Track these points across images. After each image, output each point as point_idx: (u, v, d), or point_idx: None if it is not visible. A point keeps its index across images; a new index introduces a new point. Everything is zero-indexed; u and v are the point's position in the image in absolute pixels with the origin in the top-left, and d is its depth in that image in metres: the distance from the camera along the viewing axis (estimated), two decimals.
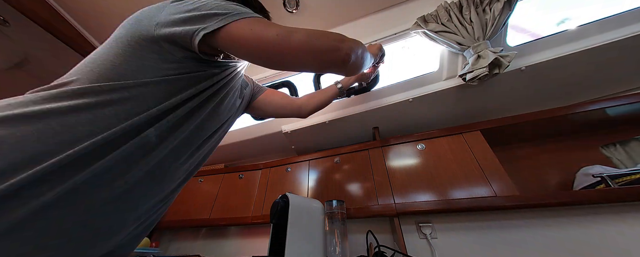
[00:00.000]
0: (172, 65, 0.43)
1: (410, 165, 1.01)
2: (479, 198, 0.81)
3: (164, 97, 0.42)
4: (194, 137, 0.50)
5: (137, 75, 0.40)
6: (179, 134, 0.45)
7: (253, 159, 1.66)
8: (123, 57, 0.41)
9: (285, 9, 1.02)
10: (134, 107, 0.39)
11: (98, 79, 0.39)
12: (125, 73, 0.40)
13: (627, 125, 0.94)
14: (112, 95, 0.38)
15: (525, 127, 0.98)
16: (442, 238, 0.88)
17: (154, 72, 0.41)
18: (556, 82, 1.00)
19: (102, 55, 0.42)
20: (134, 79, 0.40)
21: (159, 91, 0.42)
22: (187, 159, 0.50)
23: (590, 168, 0.87)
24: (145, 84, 0.40)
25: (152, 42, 0.42)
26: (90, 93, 0.37)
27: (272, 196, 1.18)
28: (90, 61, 0.41)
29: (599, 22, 0.88)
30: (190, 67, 0.45)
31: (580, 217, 0.76)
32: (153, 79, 0.41)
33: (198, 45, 0.42)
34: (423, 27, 0.95)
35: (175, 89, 0.43)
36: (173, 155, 0.46)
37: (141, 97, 0.40)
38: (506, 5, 0.84)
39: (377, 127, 1.28)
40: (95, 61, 0.41)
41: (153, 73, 0.41)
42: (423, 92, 1.08)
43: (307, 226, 0.85)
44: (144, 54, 0.41)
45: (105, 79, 0.39)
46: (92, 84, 0.38)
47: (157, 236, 1.47)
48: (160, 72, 0.42)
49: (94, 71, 0.40)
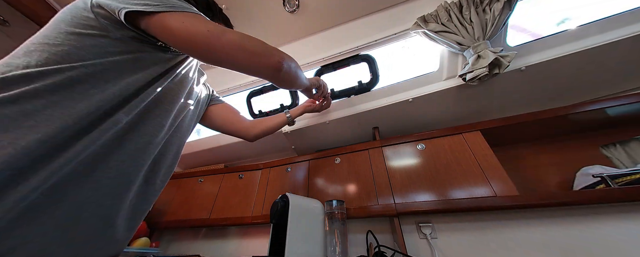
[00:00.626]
0: (115, 43, 0.43)
1: (410, 165, 1.01)
2: (479, 198, 0.81)
3: (116, 79, 0.43)
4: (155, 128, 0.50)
5: (83, 56, 0.40)
6: (146, 121, 0.47)
7: (253, 159, 1.66)
8: (64, 37, 0.40)
9: (285, 9, 1.02)
10: (90, 89, 0.40)
11: (46, 62, 0.38)
12: (69, 54, 0.39)
13: (627, 126, 0.94)
14: (60, 78, 0.38)
15: (525, 127, 0.98)
16: (442, 238, 0.88)
17: (98, 52, 0.41)
18: (556, 82, 1.00)
19: (43, 38, 0.41)
20: (80, 60, 0.40)
21: (109, 73, 0.42)
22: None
23: (590, 168, 0.87)
24: (93, 65, 0.40)
25: (90, 18, 0.42)
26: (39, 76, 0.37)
27: (272, 196, 1.18)
28: (31, 44, 0.40)
29: (599, 22, 0.88)
30: (133, 47, 0.46)
31: (580, 217, 0.76)
32: (97, 60, 0.41)
33: (126, 22, 0.43)
34: (423, 27, 0.95)
35: (124, 70, 0.44)
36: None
37: (94, 79, 0.40)
38: (506, 5, 0.84)
39: (377, 127, 1.28)
40: (36, 44, 0.40)
41: (96, 53, 0.41)
42: (423, 92, 1.08)
43: (307, 226, 0.85)
44: (83, 32, 0.41)
45: (52, 62, 0.38)
46: (40, 67, 0.37)
47: (157, 236, 1.47)
48: (103, 51, 0.42)
49: (37, 53, 0.39)
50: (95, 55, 0.41)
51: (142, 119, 0.47)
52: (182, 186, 1.49)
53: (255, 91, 1.36)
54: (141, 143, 0.47)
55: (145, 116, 0.47)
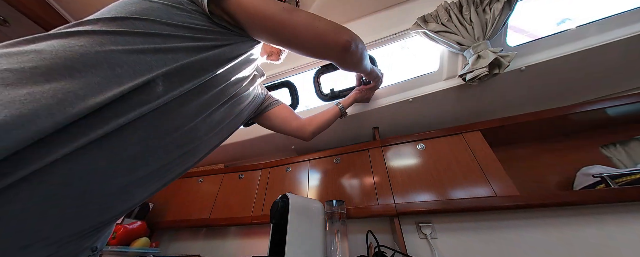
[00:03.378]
0: (185, 14, 0.43)
1: (410, 165, 1.01)
2: (479, 198, 0.81)
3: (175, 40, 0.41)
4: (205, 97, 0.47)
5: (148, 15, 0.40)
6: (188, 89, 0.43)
7: (253, 159, 1.66)
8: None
9: None
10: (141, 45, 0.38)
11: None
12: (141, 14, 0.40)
13: (627, 126, 0.94)
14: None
15: (525, 127, 0.98)
16: (442, 238, 0.88)
17: (165, 15, 0.41)
18: (556, 82, 1.00)
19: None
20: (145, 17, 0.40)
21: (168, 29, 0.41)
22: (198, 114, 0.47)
23: (590, 168, 0.87)
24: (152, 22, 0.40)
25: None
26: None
27: (272, 196, 1.18)
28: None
29: (599, 22, 0.88)
30: (199, 20, 0.45)
31: (580, 217, 0.76)
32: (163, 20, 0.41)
33: (208, 5, 0.43)
34: (423, 27, 0.95)
35: (191, 37, 0.43)
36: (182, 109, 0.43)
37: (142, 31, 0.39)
38: (506, 5, 0.84)
39: (377, 127, 1.28)
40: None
41: (164, 15, 0.41)
42: (423, 92, 1.08)
43: (307, 226, 0.85)
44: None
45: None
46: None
47: (157, 236, 1.47)
48: (170, 16, 0.42)
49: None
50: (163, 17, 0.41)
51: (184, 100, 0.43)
52: (182, 186, 1.49)
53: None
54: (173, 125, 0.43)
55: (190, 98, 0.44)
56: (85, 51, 0.33)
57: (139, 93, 0.36)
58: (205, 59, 0.44)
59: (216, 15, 0.46)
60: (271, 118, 0.80)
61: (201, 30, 0.44)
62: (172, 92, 0.40)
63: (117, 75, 0.34)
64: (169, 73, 0.39)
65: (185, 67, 0.41)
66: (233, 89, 0.54)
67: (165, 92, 0.39)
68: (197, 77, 0.43)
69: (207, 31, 0.45)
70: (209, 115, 0.49)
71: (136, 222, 1.22)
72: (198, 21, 0.44)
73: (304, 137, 0.86)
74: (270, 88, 1.33)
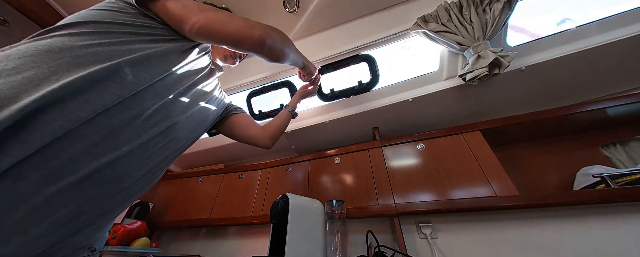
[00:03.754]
0: (128, 16, 0.49)
1: (410, 165, 1.01)
2: (479, 198, 0.81)
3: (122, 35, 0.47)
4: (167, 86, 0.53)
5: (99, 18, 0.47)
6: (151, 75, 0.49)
7: (253, 159, 1.66)
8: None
9: (285, 9, 1.02)
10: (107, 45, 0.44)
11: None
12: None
13: (627, 126, 0.94)
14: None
15: (526, 127, 0.98)
16: (442, 238, 0.88)
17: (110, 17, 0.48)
18: (556, 82, 1.00)
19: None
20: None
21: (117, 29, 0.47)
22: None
23: (590, 168, 0.87)
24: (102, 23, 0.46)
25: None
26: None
27: (272, 196, 1.18)
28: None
29: (599, 22, 0.88)
30: (144, 20, 0.51)
31: (580, 217, 0.76)
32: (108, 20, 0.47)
33: (139, 6, 0.50)
34: (423, 27, 0.95)
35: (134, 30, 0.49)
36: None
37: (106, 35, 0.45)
38: (506, 5, 0.84)
39: (377, 127, 1.28)
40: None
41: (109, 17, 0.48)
42: (423, 92, 1.08)
43: (307, 226, 0.85)
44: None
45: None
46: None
47: (157, 236, 1.47)
48: (119, 17, 0.48)
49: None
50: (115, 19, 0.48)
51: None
52: (182, 186, 1.49)
53: (255, 91, 1.36)
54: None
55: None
56: (50, 48, 0.39)
57: (112, 76, 0.41)
58: (160, 48, 0.51)
59: (152, 16, 0.52)
60: (232, 125, 0.83)
61: (148, 27, 0.51)
62: (139, 76, 0.46)
63: (80, 63, 0.39)
64: (131, 61, 0.45)
65: (144, 54, 0.47)
66: (194, 74, 0.60)
67: (132, 76, 0.44)
68: (158, 63, 0.49)
69: (153, 27, 0.52)
70: (177, 97, 0.54)
71: (136, 222, 1.22)
72: (143, 20, 0.51)
73: (263, 145, 0.88)
74: (270, 88, 1.33)
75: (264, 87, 1.34)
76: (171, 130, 0.53)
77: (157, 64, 0.49)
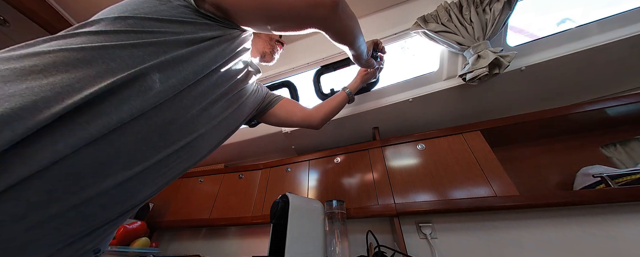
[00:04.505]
0: (174, 10, 0.44)
1: (410, 165, 1.01)
2: (479, 198, 0.81)
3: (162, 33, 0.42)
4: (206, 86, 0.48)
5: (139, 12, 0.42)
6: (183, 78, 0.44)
7: (253, 159, 1.66)
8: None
9: None
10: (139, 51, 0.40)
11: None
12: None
13: (627, 126, 0.94)
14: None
15: (525, 127, 0.98)
16: (442, 238, 0.88)
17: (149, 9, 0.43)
18: (556, 82, 1.00)
19: None
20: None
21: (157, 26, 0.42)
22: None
23: (590, 168, 0.87)
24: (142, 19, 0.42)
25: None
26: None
27: (272, 196, 1.18)
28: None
29: (599, 22, 0.88)
30: (186, 14, 0.46)
31: (580, 217, 0.76)
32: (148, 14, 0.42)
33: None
34: (423, 27, 0.95)
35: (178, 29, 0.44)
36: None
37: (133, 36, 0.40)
38: (506, 5, 0.84)
39: (377, 127, 1.28)
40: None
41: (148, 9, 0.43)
42: (423, 92, 1.08)
43: (307, 226, 0.85)
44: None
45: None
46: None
47: (157, 235, 1.47)
48: (158, 11, 0.43)
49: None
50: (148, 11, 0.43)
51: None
52: (182, 186, 1.49)
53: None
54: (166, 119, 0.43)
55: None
56: (81, 48, 0.35)
57: (134, 85, 0.37)
58: (196, 51, 0.45)
59: (202, 8, 0.47)
60: (276, 114, 0.80)
61: (189, 23, 0.45)
62: (167, 84, 0.41)
63: (110, 68, 0.35)
64: (162, 65, 0.40)
65: (178, 58, 0.42)
66: (227, 81, 0.54)
67: (160, 83, 0.40)
68: (190, 69, 0.44)
69: (195, 24, 0.46)
70: (206, 108, 0.49)
71: (136, 222, 1.22)
72: (185, 15, 0.45)
73: (313, 126, 0.85)
74: (270, 88, 1.33)
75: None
76: (194, 142, 0.48)
77: (189, 68, 0.44)
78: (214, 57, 0.48)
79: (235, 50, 0.54)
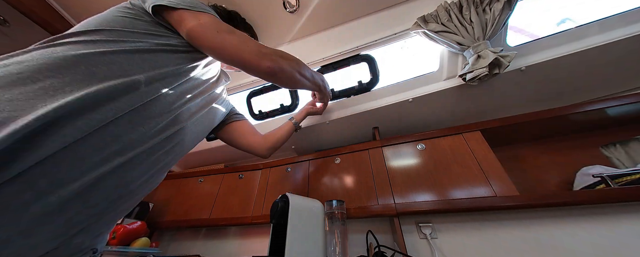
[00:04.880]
0: (143, 23, 0.50)
1: (410, 165, 1.01)
2: (479, 198, 0.81)
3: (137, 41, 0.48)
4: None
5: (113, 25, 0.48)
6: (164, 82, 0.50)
7: (253, 159, 1.66)
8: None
9: (285, 9, 1.02)
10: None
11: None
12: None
13: (627, 126, 0.94)
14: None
15: (525, 127, 0.98)
16: (442, 238, 0.88)
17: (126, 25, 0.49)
18: (556, 82, 1.00)
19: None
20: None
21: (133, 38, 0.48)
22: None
23: (590, 168, 0.87)
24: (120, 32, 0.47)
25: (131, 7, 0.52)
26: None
27: (272, 196, 1.18)
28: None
29: (600, 22, 0.88)
30: (158, 28, 0.52)
31: (580, 217, 0.76)
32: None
33: (154, 15, 0.51)
34: (423, 27, 0.95)
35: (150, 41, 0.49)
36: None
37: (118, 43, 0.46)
38: (506, 5, 0.84)
39: (377, 127, 1.28)
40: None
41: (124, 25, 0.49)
42: (423, 92, 1.08)
43: (307, 226, 0.85)
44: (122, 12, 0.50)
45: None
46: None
47: (157, 236, 1.47)
48: (133, 24, 0.49)
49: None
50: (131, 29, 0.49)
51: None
52: (182, 186, 1.49)
53: (255, 91, 1.36)
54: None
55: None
56: (64, 55, 0.39)
57: (122, 87, 0.42)
58: (173, 58, 0.51)
59: (166, 25, 0.53)
60: (232, 132, 0.85)
61: (163, 36, 0.51)
62: (151, 86, 0.46)
63: (94, 73, 0.40)
64: (145, 71, 0.46)
65: (158, 64, 0.48)
66: (203, 83, 0.61)
67: (145, 85, 0.45)
68: (169, 73, 0.50)
69: (167, 37, 0.52)
70: (186, 104, 0.55)
71: (136, 222, 1.22)
72: (157, 29, 0.51)
73: (260, 154, 0.91)
74: (270, 88, 1.33)
75: (264, 87, 1.34)
76: (177, 135, 0.53)
77: (170, 74, 0.50)
78: (189, 63, 0.55)
79: (208, 61, 0.61)
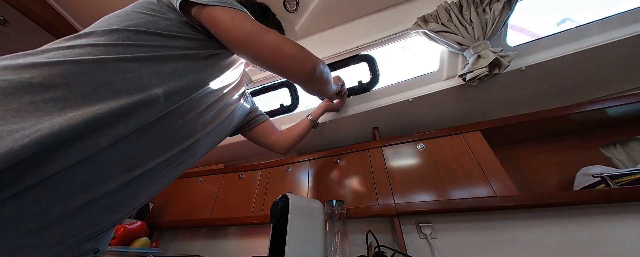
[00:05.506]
0: (168, 23, 0.47)
1: (410, 165, 1.01)
2: (479, 198, 0.81)
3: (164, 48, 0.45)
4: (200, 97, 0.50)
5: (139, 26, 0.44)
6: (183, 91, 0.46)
7: (253, 159, 1.66)
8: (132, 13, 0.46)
9: (285, 8, 1.02)
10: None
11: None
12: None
13: (627, 126, 0.94)
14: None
15: (525, 127, 0.98)
16: (442, 238, 0.88)
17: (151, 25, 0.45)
18: (556, 82, 1.00)
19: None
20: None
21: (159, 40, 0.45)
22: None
23: (590, 168, 0.87)
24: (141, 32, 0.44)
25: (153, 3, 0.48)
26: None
27: (272, 196, 1.18)
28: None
29: (600, 22, 0.88)
30: (184, 29, 0.48)
31: (580, 217, 0.76)
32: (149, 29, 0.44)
33: (181, 11, 0.47)
34: (423, 27, 0.95)
35: (176, 44, 0.46)
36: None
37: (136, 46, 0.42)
38: (506, 5, 0.84)
39: (377, 127, 1.28)
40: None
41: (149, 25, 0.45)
42: (423, 92, 1.08)
43: (307, 226, 0.85)
44: (144, 10, 0.46)
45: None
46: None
47: (157, 236, 1.47)
48: (157, 25, 0.46)
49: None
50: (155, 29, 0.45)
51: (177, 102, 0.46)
52: (182, 186, 1.49)
53: (255, 91, 1.36)
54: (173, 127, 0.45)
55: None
56: (79, 60, 0.36)
57: (139, 103, 0.38)
58: (194, 66, 0.48)
59: (194, 24, 0.49)
60: (257, 133, 0.86)
61: (186, 38, 0.48)
62: (170, 99, 0.43)
63: (110, 83, 0.37)
64: (164, 84, 0.42)
65: (176, 71, 0.44)
66: (221, 90, 0.57)
67: (164, 99, 0.41)
68: (188, 82, 0.46)
69: (192, 39, 0.48)
70: (201, 115, 0.51)
71: (136, 222, 1.22)
72: (183, 29, 0.48)
73: (280, 152, 0.92)
74: (270, 88, 1.33)
75: (263, 87, 1.34)
76: (190, 147, 0.50)
77: (190, 86, 0.46)
78: (211, 71, 0.51)
79: (231, 65, 0.58)
